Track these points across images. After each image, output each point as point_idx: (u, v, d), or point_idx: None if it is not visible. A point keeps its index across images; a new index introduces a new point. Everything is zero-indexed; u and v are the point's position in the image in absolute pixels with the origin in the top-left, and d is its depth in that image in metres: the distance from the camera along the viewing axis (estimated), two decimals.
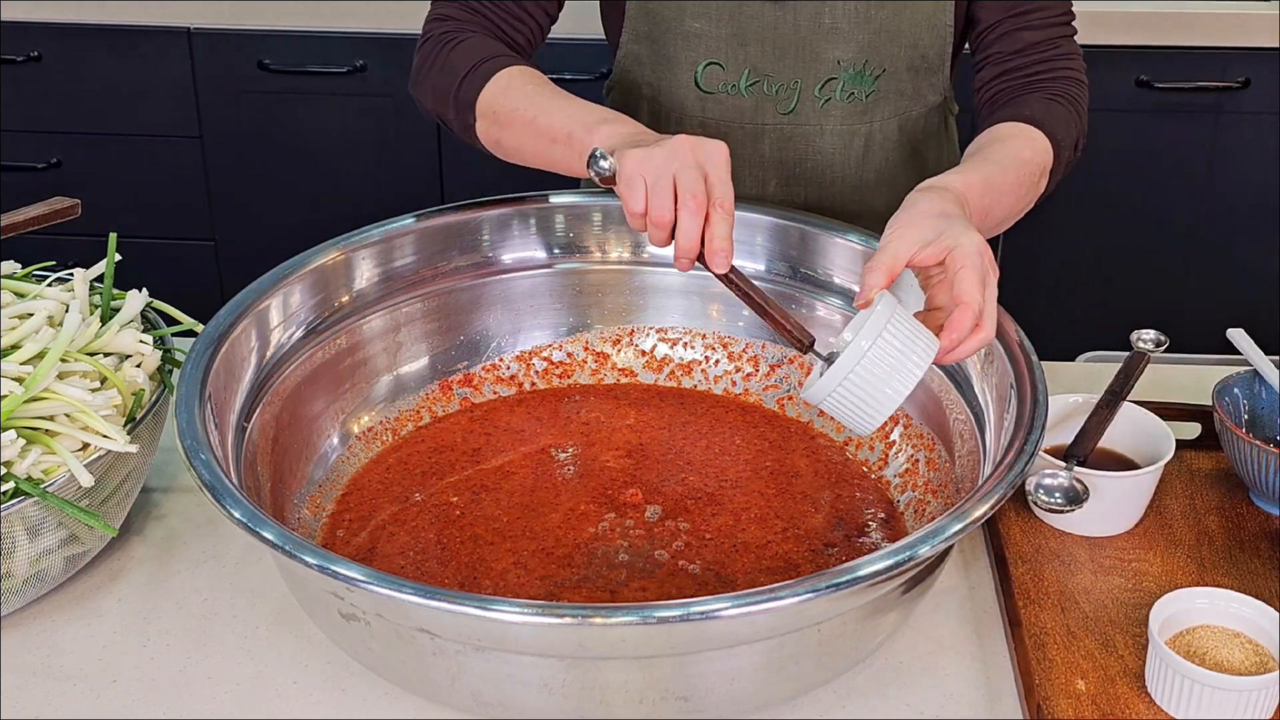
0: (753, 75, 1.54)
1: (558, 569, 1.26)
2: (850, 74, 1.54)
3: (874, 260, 1.18)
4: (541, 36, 1.58)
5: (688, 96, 1.58)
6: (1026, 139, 1.40)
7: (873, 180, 1.62)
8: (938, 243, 1.17)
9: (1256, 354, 1.43)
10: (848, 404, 1.16)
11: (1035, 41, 1.51)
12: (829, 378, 1.15)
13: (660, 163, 1.18)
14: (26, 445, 1.21)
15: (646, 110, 1.63)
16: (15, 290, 1.38)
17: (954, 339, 1.15)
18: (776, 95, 1.56)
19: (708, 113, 1.58)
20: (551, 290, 1.53)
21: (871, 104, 1.57)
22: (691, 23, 1.53)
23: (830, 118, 1.57)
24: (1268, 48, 2.56)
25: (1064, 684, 1.17)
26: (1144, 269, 2.77)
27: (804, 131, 1.58)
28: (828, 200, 1.61)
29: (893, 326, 1.14)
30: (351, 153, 2.74)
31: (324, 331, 1.41)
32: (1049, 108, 1.45)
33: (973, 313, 1.15)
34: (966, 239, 1.17)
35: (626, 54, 1.60)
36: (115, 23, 2.66)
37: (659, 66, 1.58)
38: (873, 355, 1.13)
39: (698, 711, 1.10)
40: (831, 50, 1.53)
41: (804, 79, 1.55)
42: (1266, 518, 1.37)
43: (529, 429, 1.46)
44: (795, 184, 1.60)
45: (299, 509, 1.32)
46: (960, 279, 1.16)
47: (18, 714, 1.16)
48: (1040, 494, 1.29)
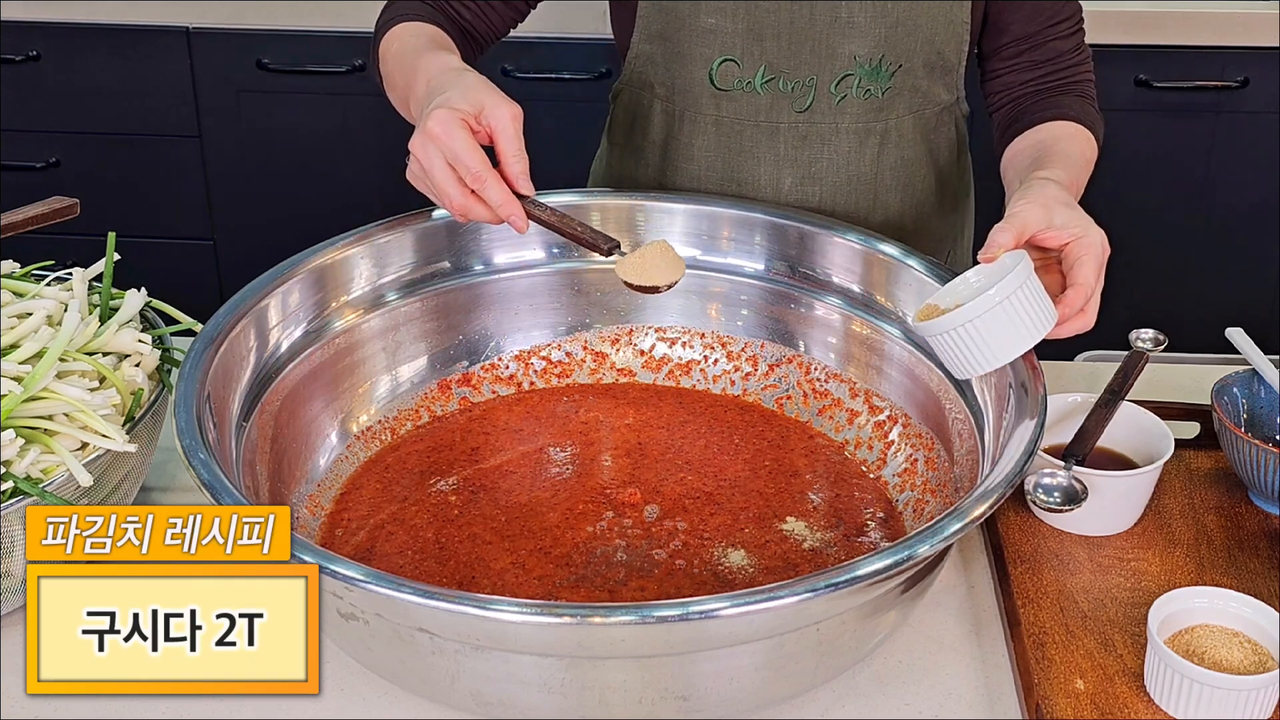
0: (768, 72, 1.54)
1: (556, 568, 1.26)
2: (866, 70, 1.53)
3: (1004, 223, 1.25)
4: (503, 31, 1.59)
5: (702, 94, 1.58)
6: (1085, 139, 1.50)
7: (888, 179, 1.62)
8: (1067, 228, 1.26)
9: (1255, 353, 1.43)
10: (961, 346, 1.22)
11: (1064, 50, 1.57)
12: (954, 316, 1.21)
13: (417, 169, 1.27)
14: (25, 444, 1.21)
15: (659, 110, 1.62)
16: (14, 289, 1.38)
17: (1065, 313, 1.24)
18: (792, 92, 1.55)
19: (722, 110, 1.58)
20: (550, 290, 1.53)
21: (887, 101, 1.57)
22: (707, 19, 1.53)
23: (846, 115, 1.57)
24: (1267, 47, 2.56)
25: (1063, 683, 1.17)
26: (1143, 268, 2.77)
27: (819, 129, 1.58)
28: (842, 198, 1.61)
29: (1026, 288, 1.20)
30: (350, 153, 2.74)
31: (323, 331, 1.41)
32: (1085, 109, 1.54)
33: (1084, 295, 1.24)
34: (1094, 231, 1.27)
35: (638, 54, 1.60)
36: (115, 22, 2.65)
37: (673, 65, 1.58)
38: (1003, 308, 1.20)
39: (697, 711, 1.10)
40: (848, 45, 1.53)
41: (820, 75, 1.54)
42: (1265, 517, 1.37)
43: (528, 428, 1.46)
44: (810, 182, 1.60)
45: (298, 508, 1.32)
46: (1081, 264, 1.25)
47: (18, 714, 1.16)
48: (1039, 493, 1.29)
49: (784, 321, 1.51)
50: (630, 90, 1.65)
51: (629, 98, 1.66)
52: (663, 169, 1.64)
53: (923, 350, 1.38)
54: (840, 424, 1.45)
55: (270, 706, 1.16)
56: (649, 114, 1.63)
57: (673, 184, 1.63)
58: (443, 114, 1.24)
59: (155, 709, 1.16)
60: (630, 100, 1.66)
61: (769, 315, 1.51)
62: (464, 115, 1.24)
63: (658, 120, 1.62)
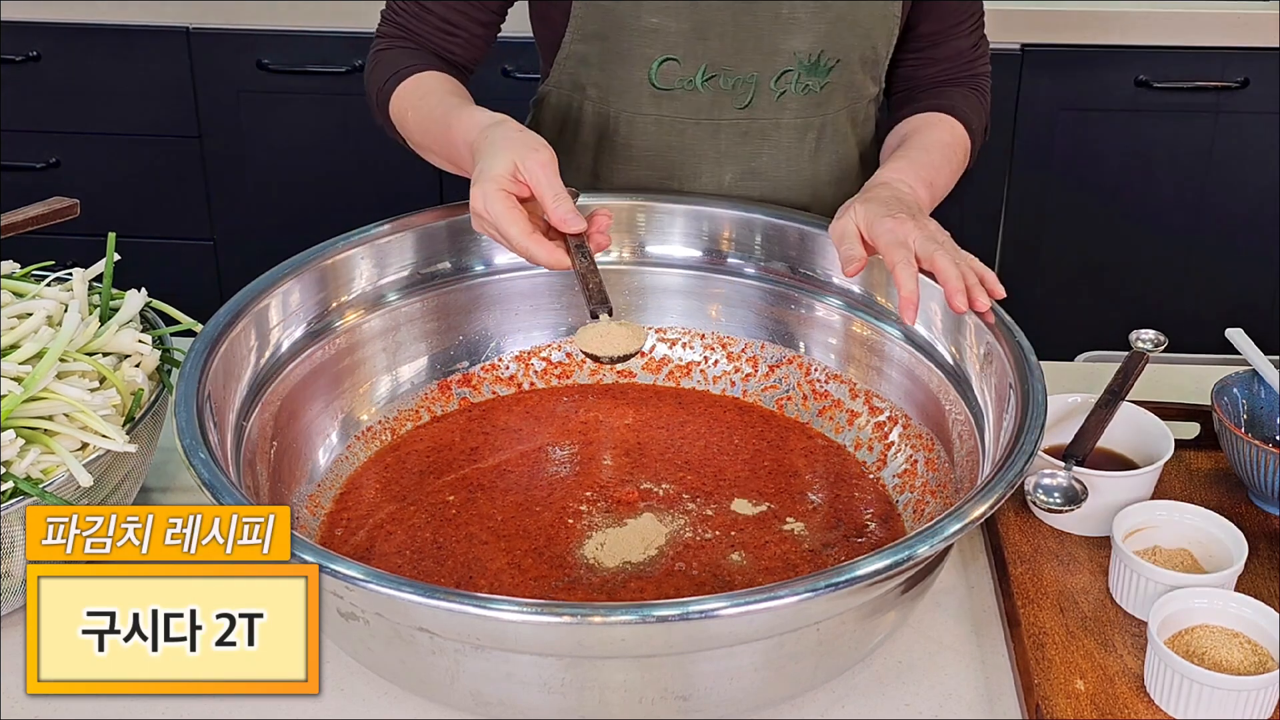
0: (710, 70, 1.54)
1: (552, 569, 1.26)
2: (806, 65, 1.54)
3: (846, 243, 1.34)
4: (483, 44, 1.59)
5: (641, 95, 1.57)
6: (949, 126, 1.57)
7: (824, 173, 1.63)
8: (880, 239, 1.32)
9: (1255, 354, 1.43)
10: None
11: (964, 49, 1.64)
12: None
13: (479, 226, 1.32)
14: (25, 445, 1.21)
15: (591, 111, 1.61)
16: (14, 290, 1.38)
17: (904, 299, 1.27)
18: (733, 89, 1.56)
19: (662, 110, 1.58)
20: (550, 290, 1.53)
21: (825, 96, 1.58)
22: (649, 19, 1.52)
23: (786, 110, 1.58)
24: (1267, 47, 2.56)
25: (1063, 684, 1.17)
26: (1143, 269, 2.77)
27: (760, 125, 1.58)
28: (782, 193, 1.62)
29: None
30: (350, 153, 2.74)
31: (323, 331, 1.41)
32: (968, 99, 1.61)
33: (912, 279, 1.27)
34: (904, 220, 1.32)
35: (570, 54, 1.58)
36: (115, 23, 2.65)
37: (609, 65, 1.57)
38: None
39: (697, 711, 1.10)
40: (789, 42, 1.54)
41: (761, 72, 1.55)
42: (1265, 517, 1.37)
43: (527, 428, 1.46)
44: (751, 178, 1.61)
45: (298, 508, 1.32)
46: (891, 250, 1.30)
47: (18, 714, 1.16)
48: (1039, 494, 1.29)
49: (784, 322, 1.51)
50: (559, 93, 1.63)
51: (557, 100, 1.64)
52: (596, 170, 1.63)
53: (923, 351, 1.39)
54: (840, 425, 1.45)
55: (270, 706, 1.16)
56: (579, 116, 1.62)
57: (608, 185, 1.62)
58: (479, 191, 1.29)
59: (155, 709, 1.16)
60: (559, 103, 1.64)
61: (769, 316, 1.51)
62: (501, 184, 1.28)
63: (589, 121, 1.61)
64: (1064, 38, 2.57)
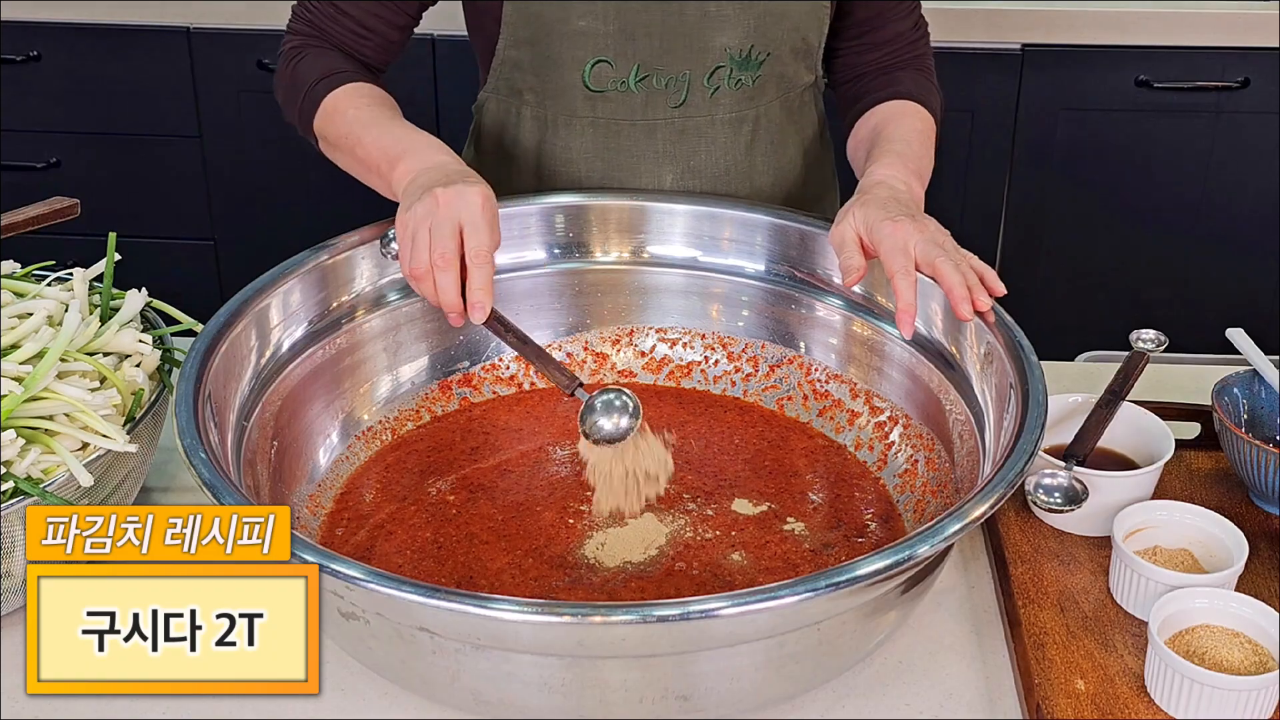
0: (642, 70, 1.54)
1: (553, 569, 1.26)
2: (737, 60, 1.55)
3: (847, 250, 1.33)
4: (395, 48, 1.58)
5: (576, 97, 1.57)
6: (918, 114, 1.57)
7: (759, 163, 1.64)
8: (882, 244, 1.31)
9: (1256, 354, 1.43)
10: None
11: (903, 30, 1.64)
12: None
13: (417, 219, 1.27)
14: (26, 445, 1.21)
15: (529, 116, 1.61)
16: (15, 290, 1.38)
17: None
18: (666, 88, 1.56)
19: (598, 112, 1.58)
20: (551, 290, 1.53)
21: (757, 89, 1.59)
22: (578, 21, 1.52)
23: (720, 106, 1.58)
24: (1267, 48, 2.56)
25: (1063, 684, 1.17)
26: (1143, 269, 2.77)
27: (695, 123, 1.59)
28: (721, 187, 1.62)
29: None
30: None
31: (323, 331, 1.41)
32: (920, 82, 1.61)
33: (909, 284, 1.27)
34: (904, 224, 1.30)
35: (504, 60, 1.58)
36: (115, 23, 2.65)
37: (543, 69, 1.57)
38: None
39: (697, 711, 1.10)
40: (718, 38, 1.54)
41: (693, 70, 1.55)
42: (1266, 518, 1.37)
43: (527, 428, 1.46)
44: (690, 175, 1.61)
45: (298, 508, 1.32)
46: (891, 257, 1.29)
47: (18, 714, 1.16)
48: (1040, 494, 1.29)
49: (785, 322, 1.51)
50: (497, 99, 1.63)
51: (496, 106, 1.64)
52: (538, 175, 1.63)
53: (923, 350, 1.39)
54: (841, 425, 1.45)
55: (270, 706, 1.16)
56: (518, 121, 1.62)
57: (550, 189, 1.62)
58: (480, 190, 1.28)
59: (155, 709, 1.16)
60: (498, 109, 1.64)
61: (770, 316, 1.51)
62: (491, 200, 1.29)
63: (528, 126, 1.61)
64: (1064, 38, 2.57)
